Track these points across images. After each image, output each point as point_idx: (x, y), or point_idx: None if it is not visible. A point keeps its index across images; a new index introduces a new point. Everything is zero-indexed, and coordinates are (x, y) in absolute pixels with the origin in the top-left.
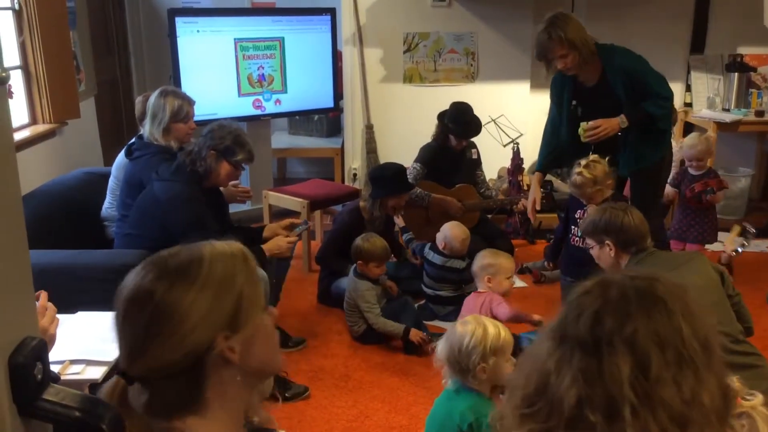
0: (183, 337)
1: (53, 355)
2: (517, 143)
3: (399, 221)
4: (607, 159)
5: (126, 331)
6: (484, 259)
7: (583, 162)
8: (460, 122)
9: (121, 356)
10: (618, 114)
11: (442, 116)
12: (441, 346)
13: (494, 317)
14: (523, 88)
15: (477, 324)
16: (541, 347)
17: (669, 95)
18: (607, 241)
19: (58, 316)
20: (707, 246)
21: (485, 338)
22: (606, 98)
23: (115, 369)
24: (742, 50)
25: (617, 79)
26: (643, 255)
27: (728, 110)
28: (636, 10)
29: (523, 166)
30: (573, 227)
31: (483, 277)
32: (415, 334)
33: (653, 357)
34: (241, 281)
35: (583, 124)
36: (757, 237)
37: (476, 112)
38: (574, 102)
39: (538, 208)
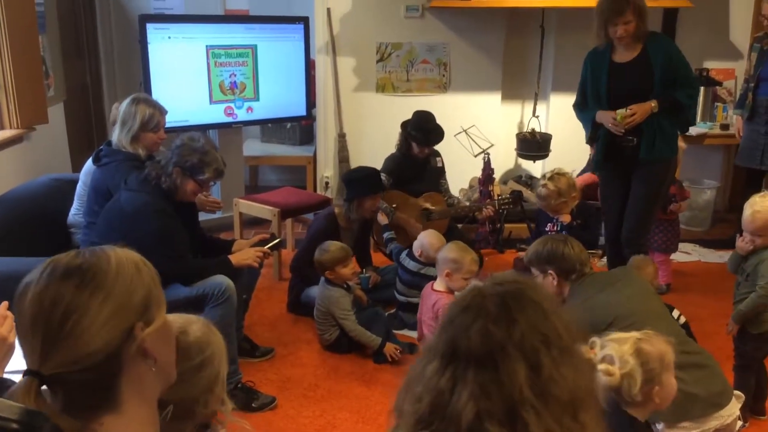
0: (100, 327)
1: (14, 365)
2: (488, 153)
3: (382, 219)
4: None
5: (37, 330)
6: (450, 252)
7: (548, 174)
8: (422, 130)
9: (30, 356)
10: (645, 90)
11: (405, 125)
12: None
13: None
14: (494, 99)
15: None
16: (425, 368)
17: (698, 88)
18: (549, 271)
19: None
20: (671, 255)
21: None
22: (637, 75)
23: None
24: (708, 64)
25: (658, 58)
26: (582, 279)
27: (694, 124)
28: None
29: (494, 176)
30: None
31: (443, 269)
32: (389, 348)
33: (542, 356)
34: (147, 278)
35: (620, 112)
36: (721, 248)
37: (448, 122)
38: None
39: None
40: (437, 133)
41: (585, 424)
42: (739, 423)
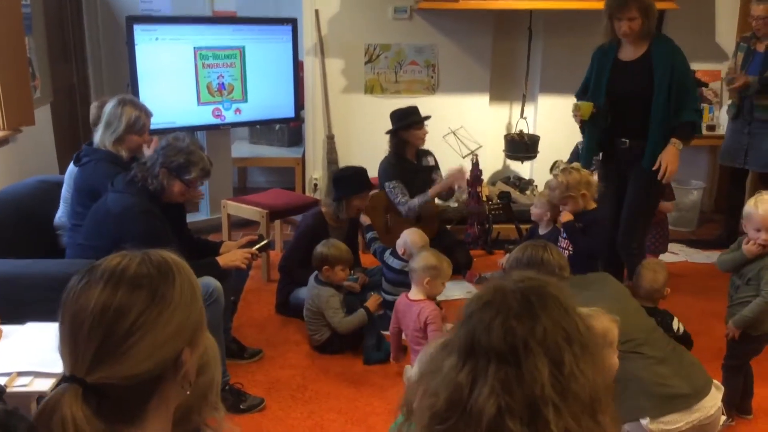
0: (157, 348)
1: None
2: (476, 155)
3: (365, 219)
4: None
5: (94, 338)
6: (428, 260)
7: (561, 166)
8: (410, 114)
9: (75, 361)
10: (643, 91)
11: (392, 128)
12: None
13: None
14: (482, 100)
15: None
16: (442, 363)
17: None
18: None
19: (7, 327)
20: (660, 256)
21: None
22: (638, 75)
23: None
24: (695, 66)
25: (660, 63)
26: None
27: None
28: (590, 27)
29: (482, 177)
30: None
31: (423, 278)
32: (372, 303)
33: (565, 353)
34: (199, 296)
35: (579, 103)
36: (708, 248)
37: (436, 124)
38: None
39: None
40: (420, 113)
41: (604, 425)
42: (723, 418)
